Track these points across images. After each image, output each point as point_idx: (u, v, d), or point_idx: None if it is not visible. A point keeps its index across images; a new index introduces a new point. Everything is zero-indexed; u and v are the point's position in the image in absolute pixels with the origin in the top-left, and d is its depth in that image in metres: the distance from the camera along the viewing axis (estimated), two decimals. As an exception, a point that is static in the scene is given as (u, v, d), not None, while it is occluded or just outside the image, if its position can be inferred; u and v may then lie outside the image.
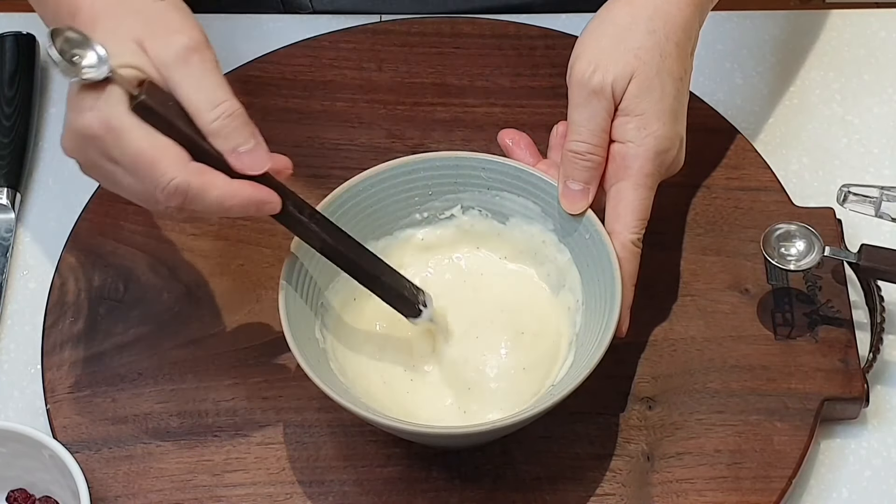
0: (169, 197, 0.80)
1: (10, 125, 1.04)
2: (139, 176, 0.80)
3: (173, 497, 0.88)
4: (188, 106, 0.80)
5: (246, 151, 0.81)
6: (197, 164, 0.80)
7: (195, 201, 0.80)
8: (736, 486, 0.88)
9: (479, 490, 0.88)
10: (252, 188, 0.81)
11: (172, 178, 0.79)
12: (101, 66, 0.79)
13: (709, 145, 1.00)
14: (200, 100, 0.80)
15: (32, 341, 0.95)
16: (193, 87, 0.80)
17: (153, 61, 0.81)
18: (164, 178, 0.79)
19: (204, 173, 0.80)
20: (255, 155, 0.81)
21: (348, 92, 1.04)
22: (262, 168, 0.81)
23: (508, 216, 0.92)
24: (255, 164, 0.81)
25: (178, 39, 0.81)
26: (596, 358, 0.83)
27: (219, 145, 0.80)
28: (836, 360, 0.92)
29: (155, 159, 0.79)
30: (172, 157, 0.79)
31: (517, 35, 1.06)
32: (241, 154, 0.81)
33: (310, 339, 0.87)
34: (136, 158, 0.79)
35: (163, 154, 0.79)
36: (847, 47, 1.08)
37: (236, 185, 0.81)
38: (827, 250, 0.91)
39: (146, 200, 0.82)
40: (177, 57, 0.80)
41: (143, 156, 0.79)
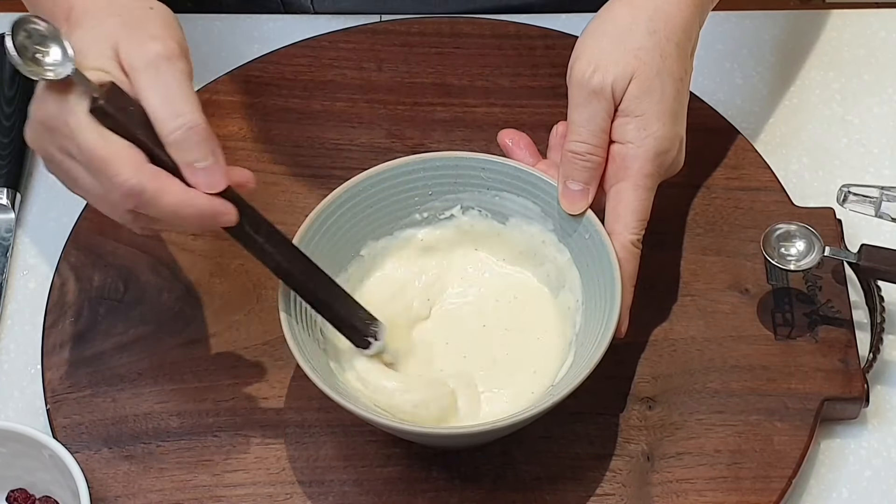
0: (124, 198, 0.79)
1: (10, 125, 1.04)
2: (94, 174, 0.79)
3: (173, 497, 0.88)
4: (151, 114, 0.79)
5: (202, 168, 0.79)
6: (153, 167, 0.79)
7: (149, 205, 0.79)
8: (736, 486, 0.88)
9: (479, 490, 0.88)
10: (207, 199, 0.80)
11: (127, 179, 0.78)
12: (64, 65, 0.78)
13: (709, 145, 1.00)
14: (163, 109, 0.79)
15: (32, 341, 0.95)
16: (158, 96, 0.79)
17: (124, 65, 0.80)
18: (119, 178, 0.78)
19: (159, 177, 0.79)
20: (210, 172, 0.80)
21: (348, 92, 1.04)
22: (216, 187, 0.80)
23: (508, 216, 0.93)
24: (211, 181, 0.80)
25: (153, 46, 0.80)
26: (596, 358, 0.83)
27: (176, 158, 0.79)
28: (836, 360, 0.92)
29: (109, 160, 0.78)
30: (127, 158, 0.78)
31: (517, 35, 1.06)
32: (197, 170, 0.79)
33: (310, 340, 0.87)
34: (91, 156, 0.78)
35: (116, 155, 0.78)
36: (847, 47, 1.08)
37: (192, 193, 0.79)
38: (827, 250, 0.91)
39: (104, 202, 0.81)
40: (147, 63, 0.80)
41: (97, 154, 0.78)
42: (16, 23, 0.78)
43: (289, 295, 0.86)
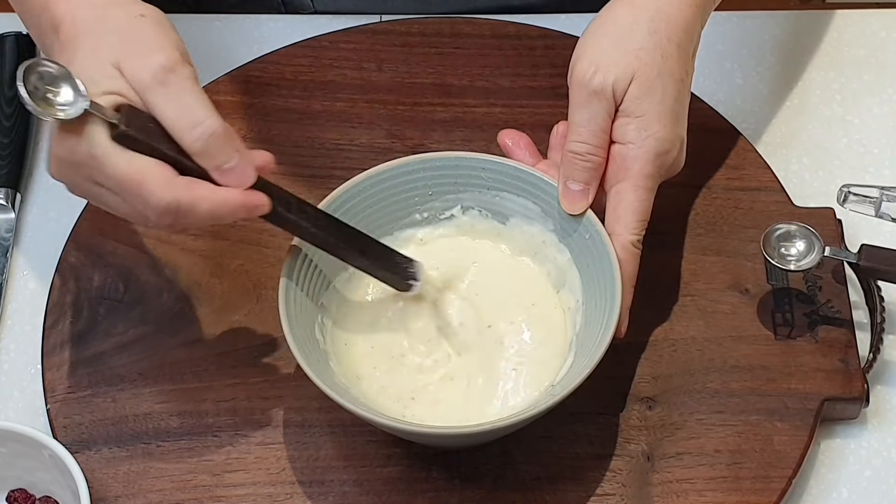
0: (160, 217, 0.80)
1: (11, 125, 1.04)
2: (127, 199, 0.81)
3: (173, 497, 0.88)
4: (169, 127, 0.80)
5: (230, 168, 0.81)
6: (184, 179, 0.80)
7: (187, 216, 0.80)
8: (736, 486, 0.88)
9: (479, 490, 0.88)
10: (241, 195, 0.81)
11: (161, 198, 0.79)
12: (77, 103, 0.79)
13: (709, 145, 1.00)
14: (180, 121, 0.80)
15: (32, 341, 0.95)
16: (172, 109, 0.80)
17: (132, 84, 0.81)
18: (153, 198, 0.79)
19: (192, 188, 0.80)
20: (239, 171, 0.81)
21: (348, 92, 1.04)
22: (247, 183, 0.81)
23: (508, 216, 0.93)
24: (240, 180, 0.81)
25: (155, 60, 0.80)
26: (596, 358, 0.83)
27: (203, 164, 0.81)
28: (836, 360, 0.92)
29: (141, 182, 0.79)
30: (158, 178, 0.80)
31: (517, 35, 1.06)
32: (226, 171, 0.81)
33: (310, 340, 0.87)
34: (122, 183, 0.80)
35: (148, 176, 0.79)
36: (847, 47, 1.08)
37: (224, 192, 0.81)
38: (827, 250, 0.91)
39: (136, 219, 0.82)
40: (153, 78, 0.80)
41: (128, 180, 0.80)
42: (27, 67, 0.78)
43: (288, 295, 0.86)
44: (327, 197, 0.90)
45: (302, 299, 0.87)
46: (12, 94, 1.05)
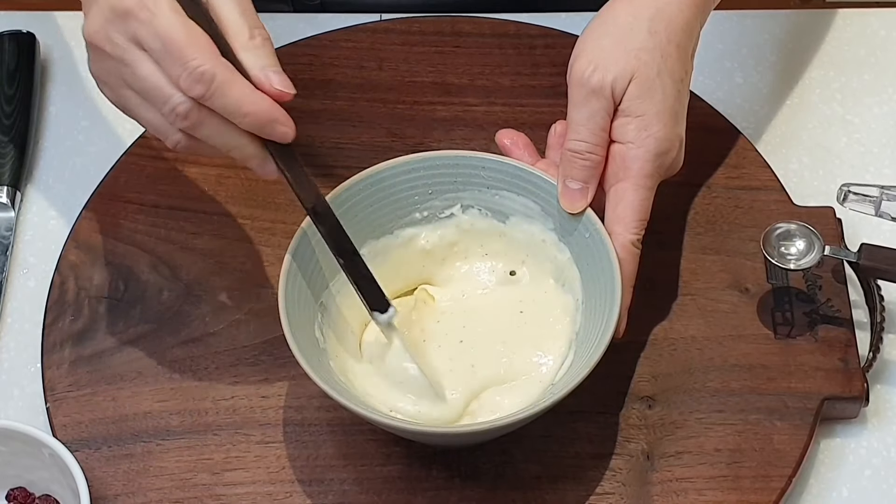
0: (193, 83, 0.79)
1: (10, 123, 1.04)
2: (166, 59, 0.80)
3: (173, 495, 0.88)
4: (227, 21, 0.81)
5: (275, 72, 0.82)
6: (226, 60, 0.81)
7: (216, 95, 0.80)
8: (736, 485, 0.88)
9: (479, 489, 0.88)
10: (272, 103, 0.82)
11: (201, 64, 0.79)
12: None
13: (709, 144, 1.00)
14: (240, 18, 0.82)
15: (32, 340, 0.95)
16: (234, 7, 0.82)
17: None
18: (194, 62, 0.79)
19: (231, 70, 0.80)
20: (284, 77, 0.82)
21: (348, 91, 1.04)
22: (289, 89, 0.82)
23: (508, 215, 0.93)
24: (284, 84, 0.82)
25: None
26: (595, 357, 0.83)
27: (250, 61, 0.81)
28: (835, 359, 0.92)
29: (188, 43, 0.79)
30: (205, 46, 0.80)
31: (517, 34, 1.06)
32: (272, 73, 0.82)
33: (309, 338, 0.87)
34: (168, 39, 0.79)
35: (196, 40, 0.80)
36: (847, 46, 1.08)
37: (258, 94, 0.81)
38: (827, 249, 0.91)
39: (158, 96, 0.81)
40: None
41: (176, 37, 0.79)
42: None
43: (289, 294, 0.86)
44: (327, 196, 0.89)
45: (302, 298, 0.87)
46: (12, 92, 1.05)
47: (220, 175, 1.00)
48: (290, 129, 0.83)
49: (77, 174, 1.03)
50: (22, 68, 1.06)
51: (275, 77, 0.82)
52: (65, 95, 1.07)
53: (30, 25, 1.08)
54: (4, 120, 1.04)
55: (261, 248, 0.97)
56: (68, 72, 1.08)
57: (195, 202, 0.99)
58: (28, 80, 1.06)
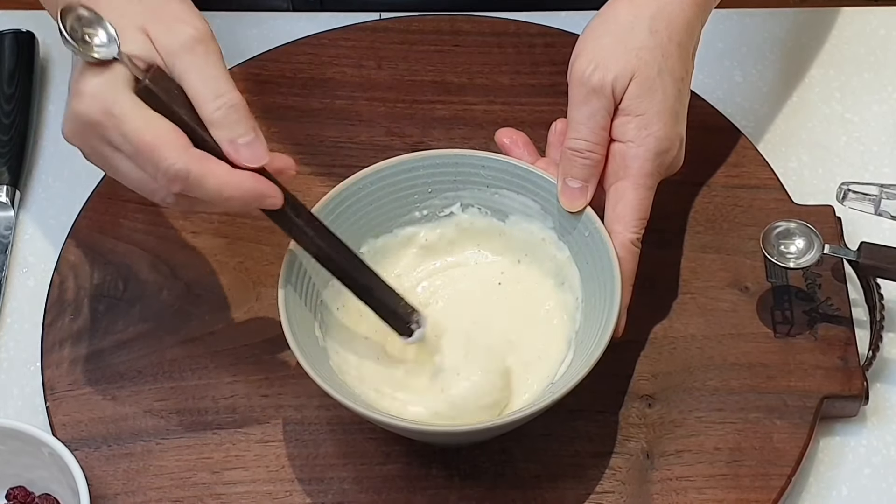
0: (169, 182, 0.80)
1: (10, 122, 1.04)
2: (139, 161, 0.80)
3: (173, 494, 0.88)
4: (192, 95, 0.81)
5: (245, 143, 0.81)
6: (198, 150, 0.80)
7: (195, 188, 0.80)
8: (735, 483, 0.88)
9: (479, 488, 0.88)
10: (253, 180, 0.81)
11: (173, 164, 0.79)
12: (111, 45, 0.80)
13: (708, 143, 1.00)
14: (205, 89, 0.80)
15: (32, 339, 0.95)
16: (198, 77, 0.81)
17: (158, 49, 0.81)
18: (165, 162, 0.79)
19: (205, 160, 0.80)
20: (254, 148, 0.81)
21: (348, 90, 1.04)
22: (260, 161, 0.81)
23: (508, 214, 0.92)
24: (254, 156, 0.81)
25: (184, 29, 0.81)
26: (595, 356, 0.83)
27: (219, 136, 0.81)
28: (835, 357, 0.92)
29: (156, 145, 0.79)
30: (173, 143, 0.80)
31: (517, 33, 1.06)
32: (240, 146, 0.81)
33: (309, 337, 0.87)
34: (137, 144, 0.80)
35: (164, 139, 0.80)
36: (847, 45, 1.08)
37: (237, 175, 0.81)
38: (826, 248, 0.91)
39: (145, 188, 0.82)
40: (183, 46, 0.81)
41: (143, 141, 0.79)
42: (64, 9, 0.79)
43: (288, 292, 0.86)
44: (327, 194, 0.90)
45: (301, 297, 0.87)
46: (11, 92, 1.05)
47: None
48: (277, 198, 0.82)
49: (76, 173, 1.03)
50: (21, 67, 1.06)
51: (243, 151, 0.81)
52: (64, 94, 1.06)
53: (29, 25, 1.08)
54: (4, 119, 1.04)
55: (260, 247, 0.97)
56: (68, 71, 1.07)
57: (195, 201, 0.99)
58: (27, 80, 1.06)
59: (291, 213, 0.84)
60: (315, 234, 0.85)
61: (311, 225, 0.85)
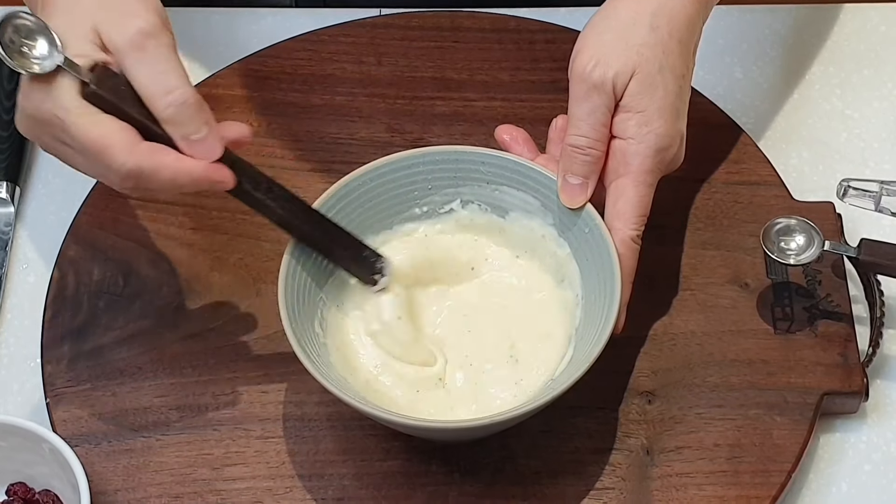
0: (122, 181, 0.81)
1: (10, 119, 1.03)
2: (91, 159, 0.81)
3: (173, 491, 0.88)
4: (141, 92, 0.81)
5: (197, 140, 0.81)
6: (147, 144, 0.81)
7: (149, 182, 0.81)
8: (735, 480, 0.88)
9: (479, 484, 0.88)
10: (203, 168, 0.82)
11: (123, 163, 0.80)
12: (52, 57, 0.80)
13: (708, 140, 1.00)
14: (153, 87, 0.80)
15: (32, 335, 0.95)
16: (146, 74, 0.81)
17: (108, 47, 0.81)
18: (115, 163, 0.80)
19: (154, 154, 0.81)
20: (206, 144, 0.81)
21: (348, 86, 1.04)
22: (213, 156, 0.82)
23: (508, 210, 0.92)
24: (207, 151, 0.82)
25: (133, 24, 0.81)
26: (595, 352, 0.83)
27: (171, 132, 0.81)
28: (835, 354, 0.92)
29: (104, 146, 0.80)
30: (121, 142, 0.80)
31: (517, 29, 1.06)
32: (193, 142, 0.81)
33: (309, 334, 0.87)
34: (85, 146, 0.80)
35: (111, 140, 0.80)
36: (847, 42, 1.08)
37: (188, 163, 0.81)
38: (827, 245, 0.91)
39: (104, 180, 0.83)
40: (131, 43, 0.81)
41: (91, 143, 0.80)
42: (3, 19, 0.79)
43: (288, 289, 0.86)
44: (327, 191, 0.90)
45: (301, 293, 0.87)
46: (12, 88, 1.04)
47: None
48: (227, 181, 0.83)
49: (76, 169, 1.03)
50: (21, 63, 1.05)
51: (196, 147, 0.81)
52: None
53: (29, 20, 1.08)
54: (3, 115, 1.04)
55: (260, 244, 0.97)
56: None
57: (194, 197, 0.99)
58: (27, 76, 1.05)
59: (249, 187, 0.85)
60: (275, 203, 0.86)
61: (269, 195, 0.86)
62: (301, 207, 0.87)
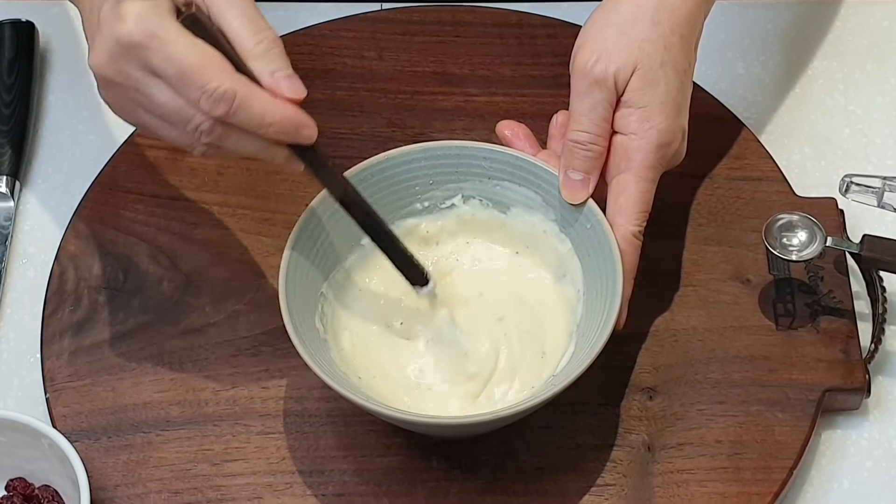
0: (214, 104, 0.79)
1: (10, 113, 1.03)
2: (183, 84, 0.80)
3: (173, 486, 0.88)
4: (231, 32, 0.81)
5: (285, 76, 0.82)
6: (242, 75, 0.81)
7: (239, 111, 0.80)
8: (737, 476, 0.87)
9: (480, 480, 0.88)
10: (294, 108, 0.82)
11: (220, 84, 0.79)
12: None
13: (711, 135, 1.00)
14: (246, 26, 0.81)
15: (32, 330, 0.95)
16: (237, 15, 0.81)
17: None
18: (213, 83, 0.79)
19: (250, 84, 0.81)
20: (293, 81, 0.82)
21: (349, 81, 1.04)
22: (300, 94, 0.82)
23: (509, 206, 0.92)
24: (294, 89, 0.82)
25: None
26: (597, 348, 0.83)
27: (259, 68, 0.81)
28: (837, 350, 0.91)
29: (203, 66, 0.79)
30: (220, 65, 0.80)
31: (518, 24, 1.06)
32: (281, 78, 0.81)
33: (310, 329, 0.87)
34: (183, 65, 0.79)
35: (211, 60, 0.80)
36: (850, 37, 1.08)
37: (279, 102, 0.81)
38: (829, 241, 0.91)
39: (179, 118, 0.81)
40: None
41: (190, 62, 0.79)
42: None
43: (289, 284, 0.86)
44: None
45: (302, 289, 0.87)
46: (11, 81, 1.04)
47: (220, 165, 1.00)
48: (313, 131, 0.83)
49: (76, 164, 1.03)
50: (21, 57, 1.05)
51: (284, 83, 0.81)
52: (64, 85, 1.07)
53: (29, 14, 1.08)
54: (3, 109, 1.03)
55: (260, 239, 0.97)
56: (68, 61, 1.08)
57: (195, 192, 0.99)
58: (27, 70, 1.05)
59: (322, 151, 0.84)
60: (343, 178, 0.85)
61: (337, 168, 0.85)
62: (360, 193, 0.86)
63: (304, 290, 0.87)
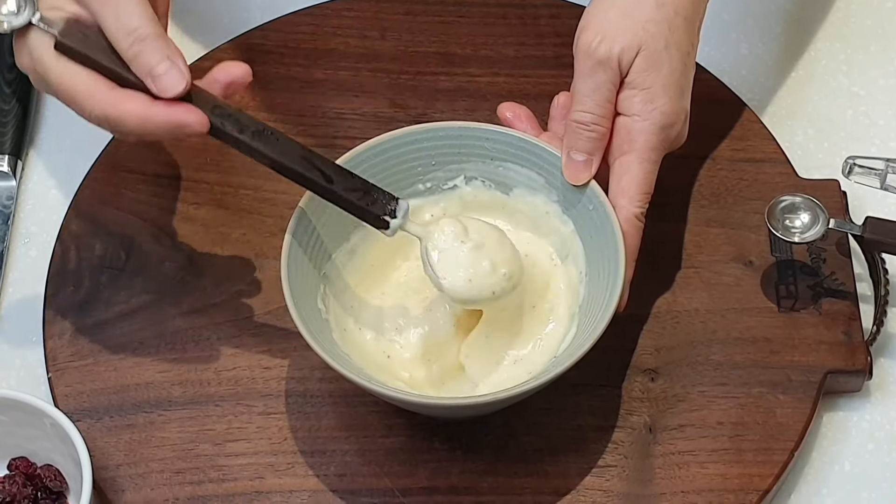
0: (98, 125, 0.83)
1: (12, 91, 1.03)
2: (69, 107, 0.84)
3: (175, 466, 0.88)
4: (109, 37, 0.83)
5: (162, 73, 0.82)
6: (114, 94, 0.82)
7: (118, 128, 0.83)
8: (738, 458, 0.88)
9: (481, 461, 0.88)
10: (166, 112, 0.82)
11: (91, 112, 0.82)
12: (22, 13, 0.82)
13: (713, 116, 0.99)
14: (117, 29, 0.82)
15: (34, 310, 0.95)
16: (111, 18, 0.82)
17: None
18: (84, 111, 0.83)
19: (119, 102, 0.82)
20: (169, 76, 0.82)
21: (351, 61, 1.04)
22: (177, 88, 0.82)
23: (512, 187, 0.92)
24: (170, 85, 0.82)
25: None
26: (599, 330, 0.83)
27: (137, 72, 0.82)
28: (839, 332, 0.91)
29: (73, 95, 0.83)
30: (87, 91, 0.82)
31: (521, 4, 1.06)
32: (158, 77, 0.82)
33: (312, 309, 0.87)
34: (60, 94, 0.83)
35: (77, 88, 0.82)
36: (854, 18, 1.08)
37: (152, 110, 0.82)
38: (831, 222, 0.91)
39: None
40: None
41: (63, 91, 0.83)
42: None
43: (291, 264, 0.86)
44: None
45: (304, 269, 0.87)
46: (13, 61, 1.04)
47: (222, 145, 0.99)
48: (197, 125, 0.83)
49: (78, 143, 1.02)
50: (23, 36, 1.05)
51: (158, 83, 0.82)
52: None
53: (31, -7, 1.07)
54: (5, 88, 1.03)
55: (262, 219, 0.97)
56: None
57: (197, 172, 0.99)
58: (29, 49, 1.05)
59: (233, 130, 0.84)
60: (263, 145, 0.84)
61: (258, 137, 0.84)
62: (297, 150, 0.85)
63: (306, 270, 0.87)
